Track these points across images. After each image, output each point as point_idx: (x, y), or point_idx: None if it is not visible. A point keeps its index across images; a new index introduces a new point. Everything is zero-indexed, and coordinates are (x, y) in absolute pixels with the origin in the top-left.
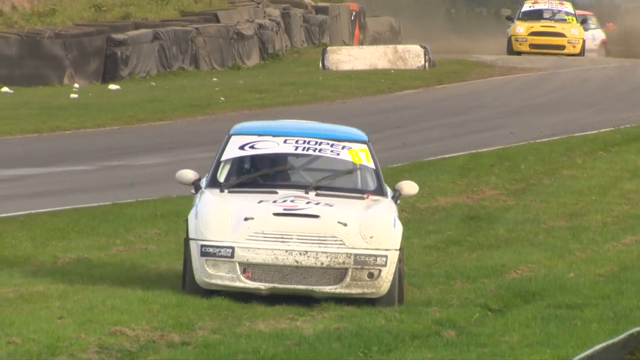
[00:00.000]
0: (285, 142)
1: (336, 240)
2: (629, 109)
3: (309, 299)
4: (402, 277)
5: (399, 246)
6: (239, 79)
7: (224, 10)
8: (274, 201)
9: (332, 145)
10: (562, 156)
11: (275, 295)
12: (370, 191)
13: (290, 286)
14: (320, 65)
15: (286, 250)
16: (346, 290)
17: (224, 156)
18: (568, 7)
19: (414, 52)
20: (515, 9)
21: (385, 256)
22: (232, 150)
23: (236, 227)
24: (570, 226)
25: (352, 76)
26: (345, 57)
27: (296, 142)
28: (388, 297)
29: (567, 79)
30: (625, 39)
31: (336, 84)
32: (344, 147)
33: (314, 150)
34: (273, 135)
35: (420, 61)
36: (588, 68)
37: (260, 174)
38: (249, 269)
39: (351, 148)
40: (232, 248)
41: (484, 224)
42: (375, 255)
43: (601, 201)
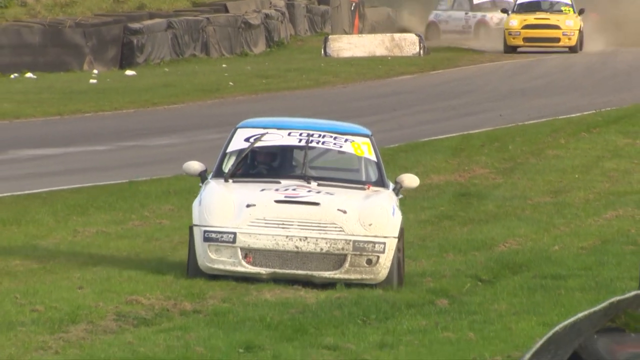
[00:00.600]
0: (289, 135)
1: (336, 227)
2: (610, 93)
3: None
4: (402, 264)
5: (397, 234)
6: (247, 65)
7: (232, 1)
8: (276, 190)
9: (336, 138)
10: (548, 137)
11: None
12: (371, 182)
13: (291, 271)
14: (323, 52)
15: (287, 236)
16: (345, 276)
17: (230, 148)
18: None
19: (409, 40)
20: None
21: (384, 243)
22: (238, 142)
23: (238, 214)
24: (554, 202)
25: (352, 63)
26: (345, 45)
27: (300, 135)
28: (386, 283)
29: (553, 65)
30: (607, 27)
31: (337, 70)
32: (346, 140)
33: (317, 143)
34: (278, 129)
35: (415, 48)
36: (572, 55)
37: (262, 163)
38: (250, 254)
39: (354, 141)
40: (234, 233)
41: (475, 200)
42: (374, 242)
43: (584, 179)
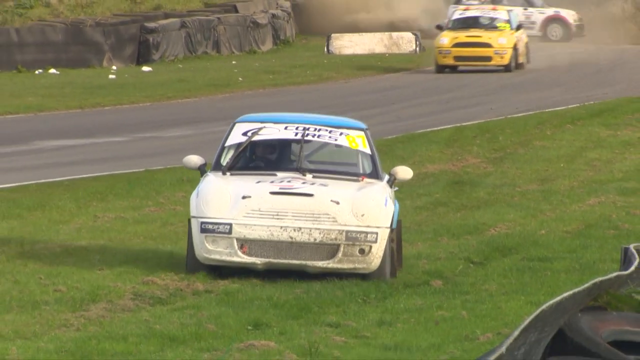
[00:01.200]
0: (285, 129)
1: (329, 218)
2: (593, 88)
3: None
4: (396, 253)
5: (390, 224)
6: (255, 62)
7: (242, 2)
8: (272, 182)
9: (331, 132)
10: (535, 129)
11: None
12: (365, 174)
13: (285, 261)
14: (325, 50)
15: (281, 227)
16: (338, 265)
17: (228, 142)
18: (502, 14)
19: (406, 39)
20: None
21: (376, 233)
22: (236, 136)
23: (234, 205)
24: (541, 189)
25: (353, 59)
26: (347, 43)
27: (296, 129)
28: (379, 273)
29: (539, 60)
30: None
31: (339, 66)
32: (341, 134)
33: (313, 136)
34: (274, 123)
35: (412, 46)
36: (557, 52)
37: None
38: (246, 244)
39: (349, 134)
40: (230, 224)
41: (467, 187)
42: (366, 232)
43: (568, 168)
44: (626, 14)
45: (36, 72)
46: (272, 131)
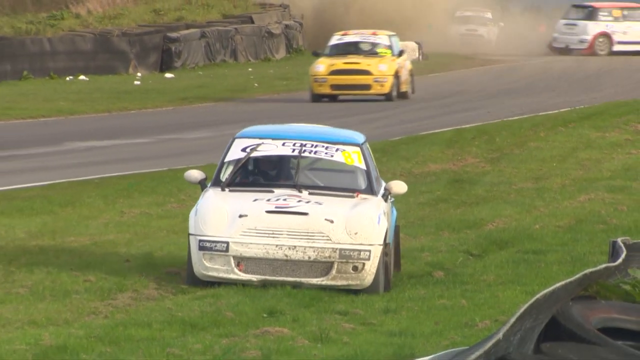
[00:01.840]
0: (283, 145)
1: (323, 236)
2: (583, 93)
3: None
4: (392, 260)
5: (383, 240)
6: (270, 69)
7: (257, 14)
8: (268, 200)
9: (327, 148)
10: (529, 131)
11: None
12: (360, 190)
13: (280, 278)
14: None
15: (276, 245)
16: (332, 282)
17: (228, 157)
18: (383, 39)
19: (410, 47)
20: None
21: (369, 250)
22: (235, 152)
23: (231, 224)
24: (536, 187)
25: None
26: None
27: (293, 145)
28: (372, 288)
29: (533, 68)
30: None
31: None
32: (337, 150)
33: (309, 152)
34: (273, 139)
35: (415, 54)
36: (551, 60)
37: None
38: (242, 262)
39: (345, 150)
40: (227, 243)
41: (467, 185)
42: (359, 250)
43: (561, 167)
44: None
45: (67, 79)
46: (270, 147)
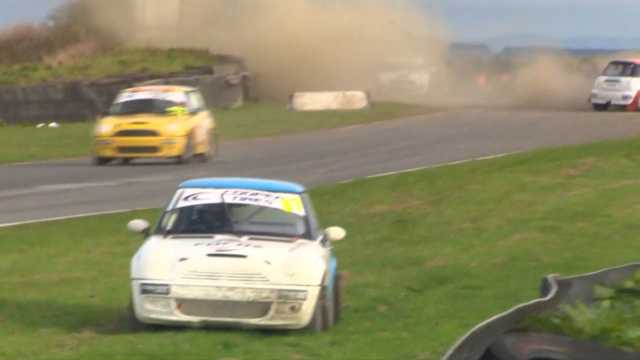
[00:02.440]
0: (224, 194)
1: (261, 277)
2: (518, 140)
3: None
4: (332, 308)
5: (320, 282)
6: (228, 117)
7: (217, 65)
8: (209, 244)
9: (267, 196)
10: (468, 174)
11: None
12: (298, 235)
13: (220, 319)
14: (288, 106)
15: (216, 287)
16: (270, 322)
17: (170, 206)
18: (177, 95)
19: (358, 96)
20: None
21: (306, 291)
22: (178, 201)
23: (173, 267)
24: (473, 227)
25: (312, 115)
26: (307, 100)
27: (234, 193)
28: (310, 328)
29: (472, 117)
30: (522, 90)
31: (300, 120)
32: (277, 197)
33: (250, 200)
34: (214, 188)
35: (363, 103)
36: (489, 109)
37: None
38: (183, 304)
39: (284, 198)
40: (169, 285)
41: (409, 225)
42: (297, 290)
43: (496, 208)
44: None
45: (39, 126)
46: (212, 196)
